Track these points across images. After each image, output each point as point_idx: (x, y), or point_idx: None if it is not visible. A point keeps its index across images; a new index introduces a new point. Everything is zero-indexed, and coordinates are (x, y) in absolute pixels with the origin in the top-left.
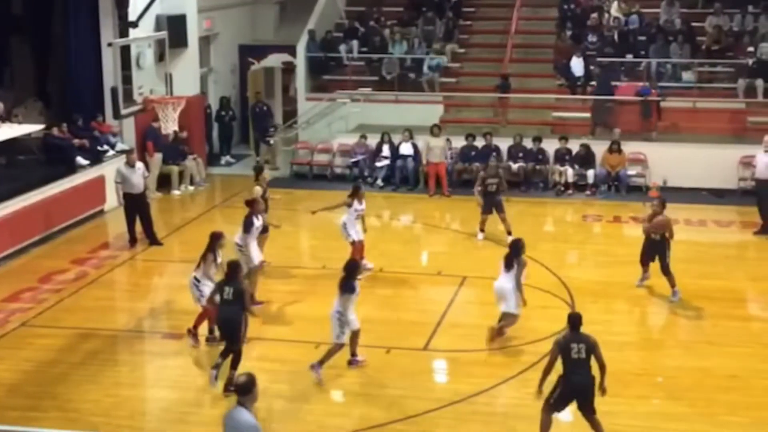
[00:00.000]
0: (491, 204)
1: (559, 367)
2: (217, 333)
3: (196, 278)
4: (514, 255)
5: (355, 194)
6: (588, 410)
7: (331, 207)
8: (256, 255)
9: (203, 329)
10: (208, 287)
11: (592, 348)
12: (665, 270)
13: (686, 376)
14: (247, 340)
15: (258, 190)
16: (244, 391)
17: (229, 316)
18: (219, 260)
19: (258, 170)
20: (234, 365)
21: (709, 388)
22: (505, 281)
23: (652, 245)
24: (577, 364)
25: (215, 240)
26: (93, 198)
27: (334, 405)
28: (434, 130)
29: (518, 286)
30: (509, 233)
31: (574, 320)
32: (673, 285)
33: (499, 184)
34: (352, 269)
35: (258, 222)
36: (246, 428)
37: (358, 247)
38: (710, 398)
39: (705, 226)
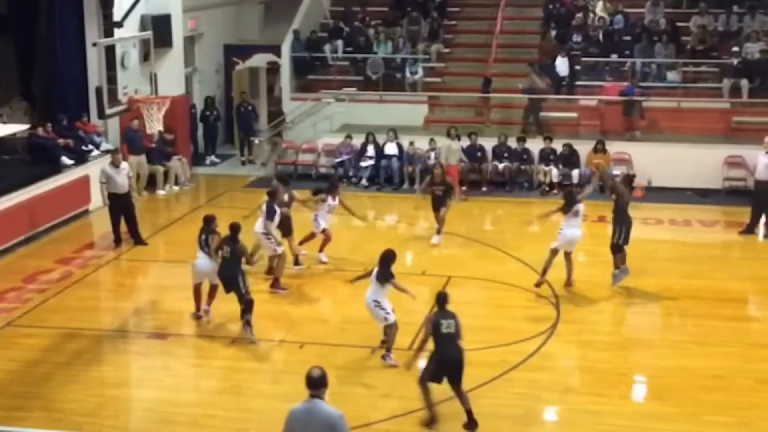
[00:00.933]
0: (439, 204)
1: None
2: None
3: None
4: (570, 204)
5: (331, 190)
6: (457, 382)
7: (309, 200)
8: (278, 241)
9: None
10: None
11: (458, 323)
12: (611, 247)
13: (671, 375)
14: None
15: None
16: (319, 384)
17: (227, 272)
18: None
19: (283, 180)
20: (248, 311)
21: (694, 388)
22: (573, 230)
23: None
24: (447, 338)
25: (211, 222)
26: (78, 198)
27: None
28: (451, 132)
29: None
30: (438, 232)
31: (442, 299)
32: (616, 266)
33: (444, 190)
34: (387, 259)
35: (278, 210)
36: (335, 419)
37: (327, 234)
38: (695, 398)
39: (690, 225)
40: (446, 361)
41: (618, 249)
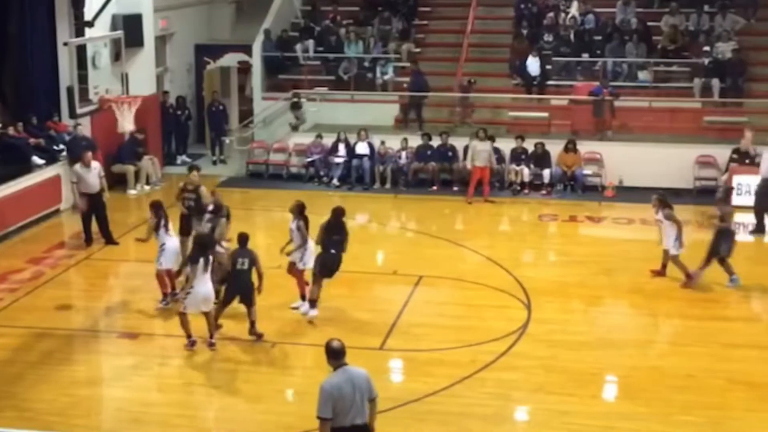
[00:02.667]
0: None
1: None
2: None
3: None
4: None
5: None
6: (248, 304)
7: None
8: None
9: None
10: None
11: (253, 261)
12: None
13: (642, 375)
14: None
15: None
16: (344, 352)
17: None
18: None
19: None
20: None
21: (665, 388)
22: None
23: None
24: (240, 272)
25: (160, 208)
26: (49, 197)
27: (288, 404)
28: (480, 134)
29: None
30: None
31: (242, 239)
32: (730, 272)
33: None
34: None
35: None
36: (367, 378)
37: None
38: (666, 398)
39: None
40: (237, 290)
41: (722, 260)
